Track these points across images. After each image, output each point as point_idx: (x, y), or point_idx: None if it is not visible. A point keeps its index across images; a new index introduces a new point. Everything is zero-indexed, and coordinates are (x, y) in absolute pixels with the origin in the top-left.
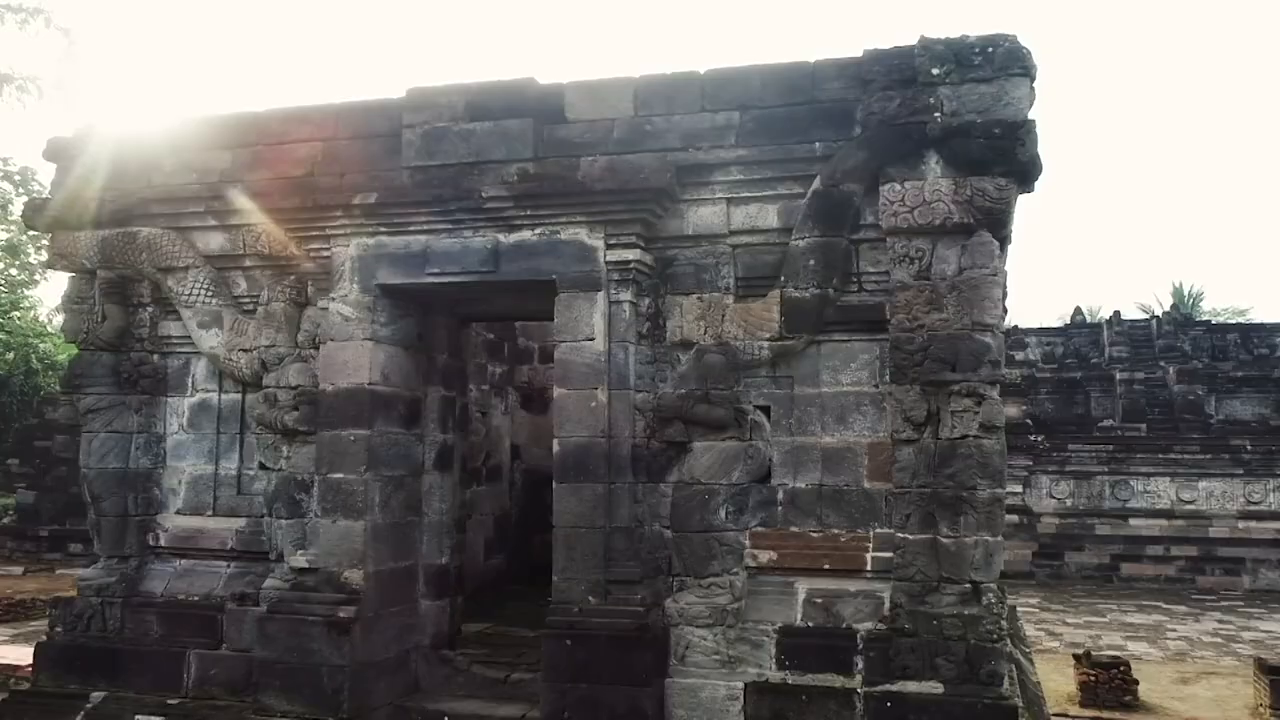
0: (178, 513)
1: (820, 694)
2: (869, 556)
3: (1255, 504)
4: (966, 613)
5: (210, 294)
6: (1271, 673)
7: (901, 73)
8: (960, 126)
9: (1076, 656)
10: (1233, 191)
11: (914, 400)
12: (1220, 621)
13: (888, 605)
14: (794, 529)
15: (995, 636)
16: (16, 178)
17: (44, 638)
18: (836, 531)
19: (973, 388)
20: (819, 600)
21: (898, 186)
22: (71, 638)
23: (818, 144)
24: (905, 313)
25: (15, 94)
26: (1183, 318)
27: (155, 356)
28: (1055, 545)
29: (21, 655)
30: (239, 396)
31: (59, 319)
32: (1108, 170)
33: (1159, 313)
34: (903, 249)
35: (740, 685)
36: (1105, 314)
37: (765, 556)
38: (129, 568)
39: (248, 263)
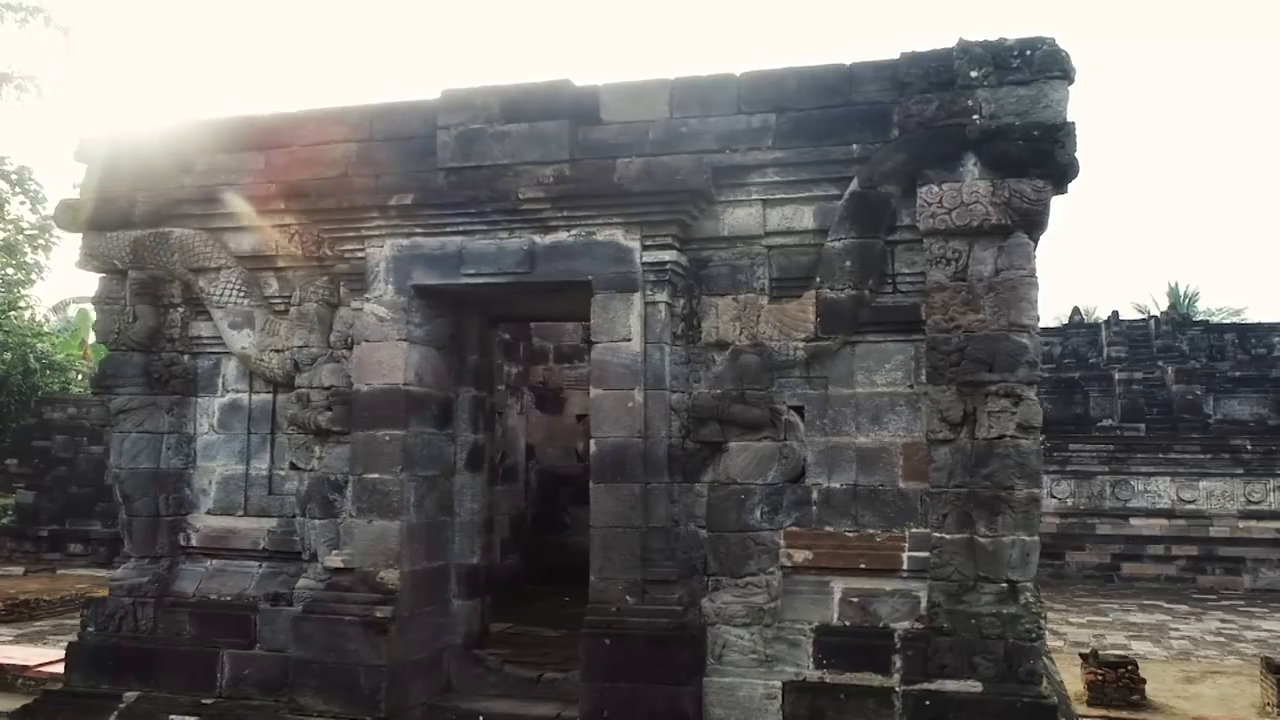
0: (208, 513)
1: (858, 693)
2: (905, 556)
3: (1255, 503)
4: (1004, 612)
5: (242, 294)
6: (1279, 672)
7: (939, 75)
8: (999, 129)
9: (1083, 656)
10: (1226, 191)
11: (950, 400)
12: (1223, 621)
13: (924, 604)
14: (829, 529)
15: (1034, 635)
16: (14, 177)
17: (73, 638)
18: (872, 531)
19: (1010, 388)
20: (855, 599)
21: (935, 188)
22: (103, 638)
23: (854, 146)
24: (942, 313)
25: (14, 93)
26: (1180, 318)
27: (186, 357)
28: (1056, 545)
29: (29, 655)
30: (269, 397)
31: (56, 319)
32: (1101, 171)
33: (1155, 313)
34: (940, 250)
35: (778, 684)
36: (1101, 314)
37: (800, 556)
38: (160, 568)
39: (280, 263)
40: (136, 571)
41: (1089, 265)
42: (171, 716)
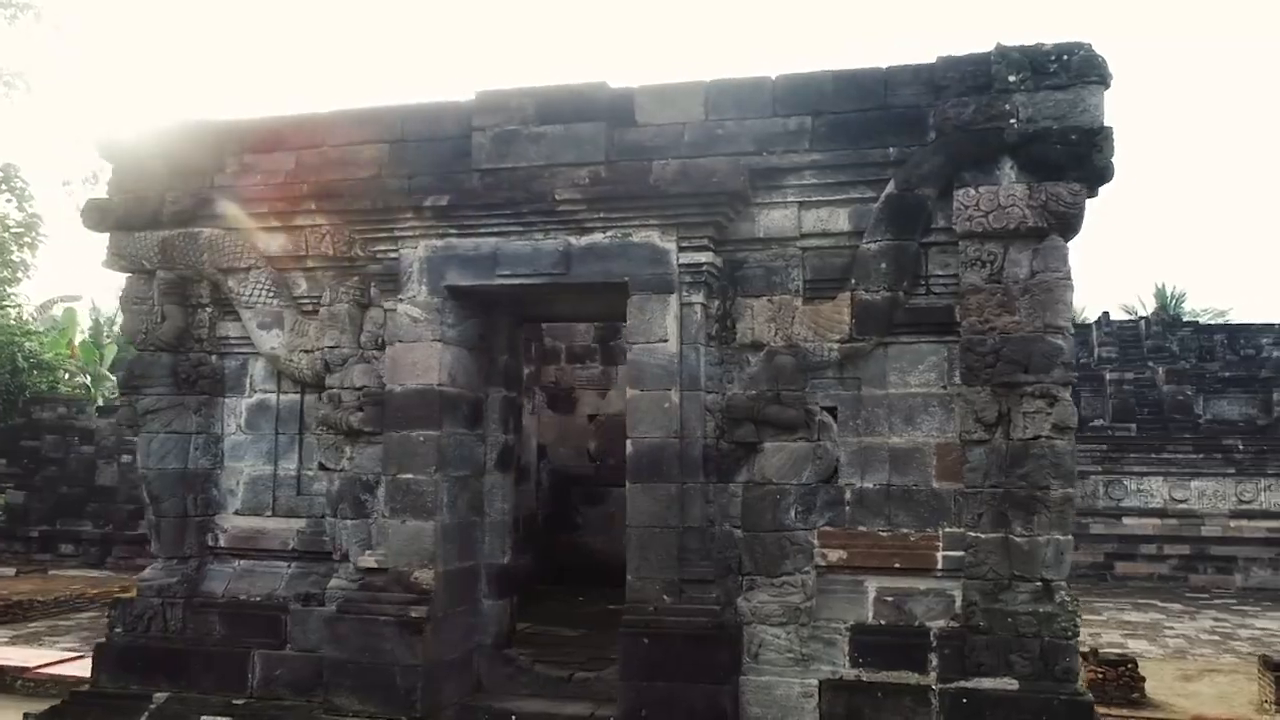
0: (236, 513)
1: (895, 691)
2: (939, 555)
3: (1246, 503)
4: (1040, 610)
5: (271, 295)
6: (1276, 669)
7: (976, 79)
8: (1037, 133)
9: (1083, 654)
10: (1210, 192)
11: (985, 401)
12: (1216, 619)
13: (959, 603)
14: (862, 528)
15: (1070, 634)
16: None
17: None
18: (906, 531)
19: (1045, 389)
20: (890, 599)
21: (972, 191)
22: (132, 638)
23: (891, 149)
24: (977, 315)
25: (3, 90)
26: (1171, 318)
27: (213, 357)
28: None
29: (27, 657)
30: (297, 397)
31: (41, 318)
32: None
33: (1143, 314)
34: (975, 252)
35: (815, 682)
36: (1089, 315)
37: (835, 555)
38: (189, 568)
39: (310, 263)
40: (165, 572)
41: (1077, 266)
42: (203, 717)
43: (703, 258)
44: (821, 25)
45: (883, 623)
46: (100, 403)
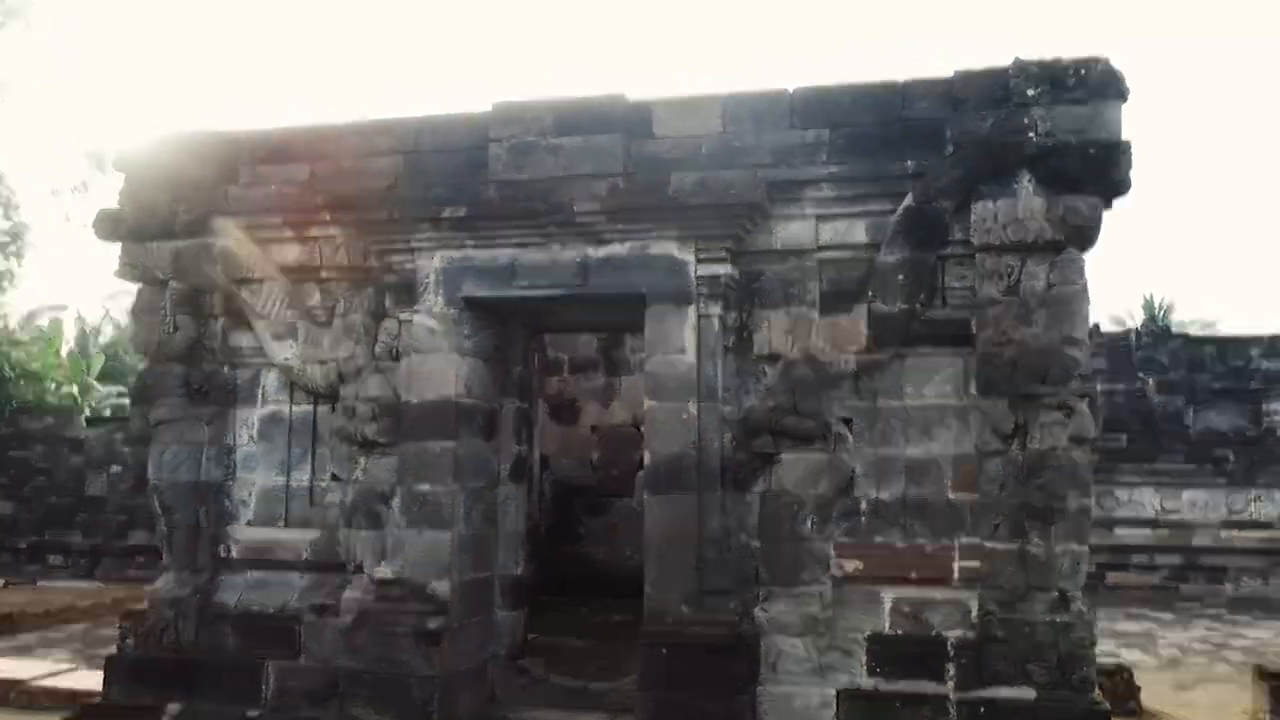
0: (248, 524)
1: (913, 700)
2: (956, 566)
3: (1237, 513)
4: (1058, 620)
5: (285, 305)
6: (1271, 679)
7: (994, 93)
8: (1055, 147)
9: None
10: (1199, 203)
11: (1002, 413)
12: (1208, 629)
13: (975, 613)
14: (878, 539)
15: (1087, 643)
16: None
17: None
18: (922, 541)
19: (1063, 400)
20: (906, 609)
21: (990, 204)
22: (144, 651)
23: (909, 162)
24: (994, 327)
25: None
26: (1160, 330)
27: (225, 368)
28: None
29: (19, 670)
30: (310, 408)
31: (28, 328)
32: None
33: (1133, 325)
34: (993, 265)
35: (833, 692)
36: None
37: (851, 566)
38: (201, 580)
39: (324, 274)
40: (177, 584)
41: None
42: None
43: (721, 269)
44: (838, 39)
45: (900, 633)
46: (88, 413)
